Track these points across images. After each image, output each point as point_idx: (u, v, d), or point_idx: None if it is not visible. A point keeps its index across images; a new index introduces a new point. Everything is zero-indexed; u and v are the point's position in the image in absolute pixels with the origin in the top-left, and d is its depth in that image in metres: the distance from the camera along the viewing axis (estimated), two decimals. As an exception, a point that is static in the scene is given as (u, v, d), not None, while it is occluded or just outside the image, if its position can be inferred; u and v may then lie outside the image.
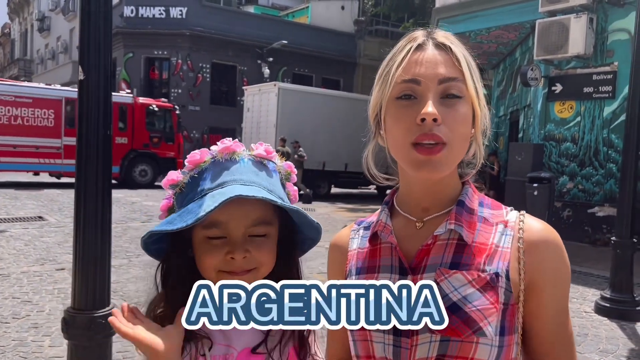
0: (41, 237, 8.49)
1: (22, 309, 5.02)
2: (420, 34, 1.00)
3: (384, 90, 0.97)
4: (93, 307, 2.57)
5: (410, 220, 1.02)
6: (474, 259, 0.94)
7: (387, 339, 0.94)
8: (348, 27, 27.44)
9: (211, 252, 0.87)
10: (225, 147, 0.90)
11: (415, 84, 0.93)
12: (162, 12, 23.54)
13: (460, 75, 0.94)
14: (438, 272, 0.93)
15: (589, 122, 10.29)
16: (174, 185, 0.92)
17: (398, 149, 0.95)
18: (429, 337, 0.91)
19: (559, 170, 10.69)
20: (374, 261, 1.01)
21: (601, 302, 5.71)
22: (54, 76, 33.91)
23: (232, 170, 0.88)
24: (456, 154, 0.95)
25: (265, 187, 0.88)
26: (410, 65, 0.94)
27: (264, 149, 0.94)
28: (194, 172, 0.90)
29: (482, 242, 0.97)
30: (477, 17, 12.16)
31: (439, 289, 0.87)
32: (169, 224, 0.84)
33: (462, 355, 0.90)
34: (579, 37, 9.58)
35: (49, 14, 36.48)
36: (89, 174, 2.51)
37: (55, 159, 16.01)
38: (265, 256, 0.89)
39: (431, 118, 0.89)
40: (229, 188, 0.84)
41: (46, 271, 6.44)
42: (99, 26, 2.52)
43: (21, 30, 45.20)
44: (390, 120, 0.96)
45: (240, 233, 0.86)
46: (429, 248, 0.96)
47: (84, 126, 2.52)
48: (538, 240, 0.97)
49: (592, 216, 10.22)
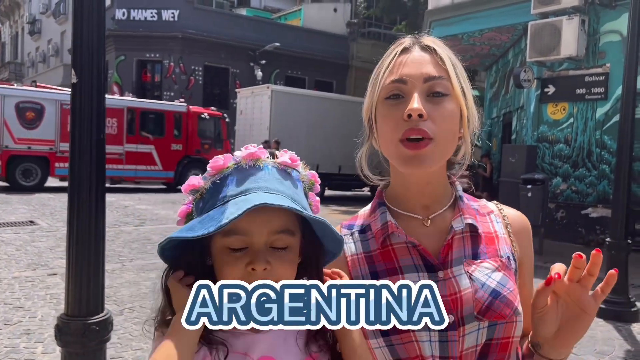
0: (33, 242, 8.40)
1: (13, 315, 4.95)
2: (408, 39, 1.05)
3: (374, 93, 1.02)
4: (87, 313, 2.52)
5: (416, 218, 1.05)
6: (488, 248, 1.03)
7: (432, 336, 0.95)
8: (340, 29, 27.46)
9: (232, 263, 0.83)
10: (249, 154, 0.88)
11: (402, 84, 0.98)
12: (154, 15, 23.46)
13: (445, 74, 0.99)
14: (466, 264, 0.99)
15: (581, 124, 10.33)
16: (194, 191, 0.89)
17: (387, 146, 1.00)
18: (477, 325, 0.95)
19: (553, 172, 10.72)
20: (391, 263, 1.01)
21: (596, 303, 5.72)
22: (45, 79, 33.71)
23: (256, 178, 0.85)
24: (442, 149, 0.98)
25: (290, 196, 0.85)
26: (397, 67, 1.00)
27: (288, 157, 0.91)
28: (216, 177, 0.87)
29: (487, 231, 1.06)
30: (470, 19, 12.20)
31: (475, 279, 0.97)
32: (190, 230, 0.80)
33: (506, 336, 0.97)
34: (571, 38, 9.63)
35: (40, 17, 36.28)
36: (82, 178, 2.47)
37: (118, 164, 16.88)
38: (286, 269, 0.85)
39: (416, 114, 0.93)
40: (253, 196, 0.81)
41: (38, 276, 6.37)
42: (92, 29, 2.48)
43: (12, 33, 44.91)
44: (380, 120, 1.01)
45: (262, 242, 0.83)
46: (450, 243, 1.01)
47: (77, 130, 2.47)
48: (520, 225, 1.10)
49: (585, 217, 10.25)
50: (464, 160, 1.07)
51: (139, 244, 8.66)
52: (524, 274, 1.07)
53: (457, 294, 0.97)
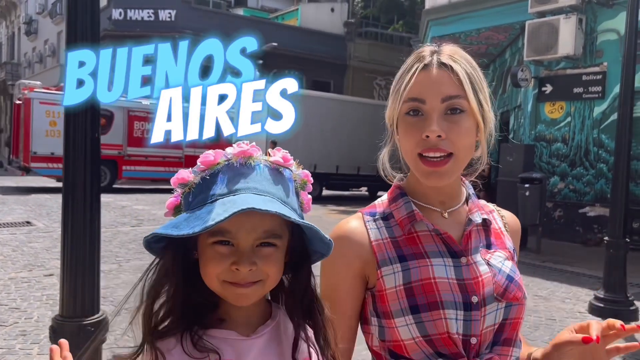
0: (29, 243, 8.37)
1: (9, 316, 4.92)
2: (428, 51, 1.10)
3: (395, 106, 1.11)
4: (82, 314, 2.50)
5: (435, 211, 1.15)
6: (497, 240, 1.16)
7: (459, 315, 1.04)
8: (338, 29, 27.44)
9: (216, 260, 0.81)
10: (241, 151, 0.86)
11: (421, 103, 1.06)
12: (150, 15, 23.40)
13: (462, 92, 1.06)
14: (483, 252, 1.11)
15: (579, 123, 10.34)
16: (183, 185, 0.87)
17: (408, 157, 1.11)
18: (496, 306, 1.06)
19: (550, 171, 10.73)
20: (417, 248, 1.10)
21: (595, 302, 5.71)
22: (42, 79, 33.61)
23: (246, 177, 0.83)
24: (461, 163, 1.09)
25: (280, 198, 0.83)
26: (416, 86, 1.07)
27: (281, 156, 0.89)
28: (205, 173, 0.85)
29: (494, 226, 1.19)
30: (467, 18, 12.20)
31: (493, 265, 1.09)
32: (175, 227, 0.79)
33: (517, 317, 1.09)
34: (568, 37, 9.64)
35: (36, 17, 36.17)
36: (76, 178, 2.44)
37: (178, 167, 17.47)
38: (272, 268, 0.84)
39: (435, 135, 1.03)
40: (242, 197, 0.79)
41: (34, 277, 6.34)
42: (86, 28, 2.46)
43: (8, 33, 44.78)
44: (402, 132, 1.10)
45: (248, 244, 0.81)
46: (469, 234, 1.12)
47: (72, 129, 2.45)
48: (514, 225, 1.25)
49: (583, 216, 10.26)
50: (481, 161, 1.19)
51: (136, 245, 8.62)
52: None
53: (479, 278, 1.07)
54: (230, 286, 0.81)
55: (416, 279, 1.06)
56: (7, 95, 33.41)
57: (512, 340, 1.09)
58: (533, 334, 4.95)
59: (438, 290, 1.04)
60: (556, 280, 7.37)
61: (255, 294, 0.83)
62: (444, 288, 1.05)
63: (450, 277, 1.06)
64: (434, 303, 1.04)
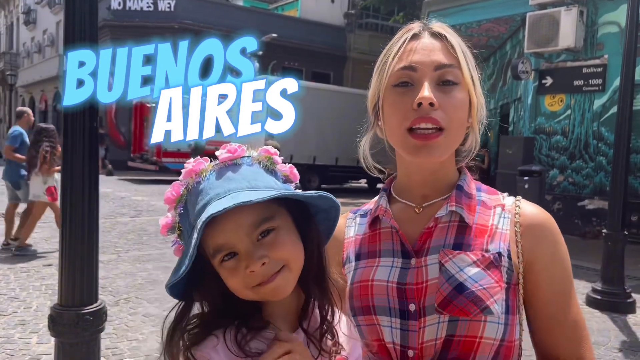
0: (28, 233, 8.37)
1: (8, 305, 4.94)
2: (417, 25, 1.03)
3: (382, 80, 0.99)
4: (80, 303, 2.50)
5: (410, 206, 1.04)
6: (476, 240, 0.97)
7: (394, 323, 0.94)
8: (338, 20, 27.33)
9: (232, 275, 0.80)
10: (187, 172, 0.84)
11: (411, 71, 0.95)
12: (150, 5, 23.27)
13: (455, 62, 0.97)
14: (442, 254, 0.95)
15: (579, 115, 10.32)
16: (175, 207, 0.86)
17: (395, 135, 0.98)
18: (437, 318, 0.92)
19: (550, 164, 10.72)
20: (374, 246, 1.02)
21: (592, 295, 5.74)
22: (41, 70, 33.50)
23: (204, 192, 0.81)
24: (453, 139, 0.97)
25: (244, 188, 0.80)
26: (406, 54, 0.97)
27: (226, 151, 0.86)
28: (179, 208, 0.84)
29: (482, 223, 1.00)
30: (468, 9, 12.14)
31: (444, 271, 0.93)
32: (176, 272, 0.79)
33: (471, 334, 0.91)
34: (569, 30, 9.59)
35: (35, 6, 35.96)
36: (75, 168, 2.44)
37: None
38: (284, 251, 0.81)
39: (427, 102, 0.91)
40: (207, 211, 0.77)
41: (34, 267, 6.36)
42: (84, 19, 2.44)
43: (7, 23, 44.55)
44: (388, 108, 0.98)
45: (245, 245, 0.79)
46: (431, 231, 0.99)
47: (70, 119, 2.44)
48: (534, 224, 1.00)
49: (582, 209, 10.27)
50: (472, 149, 1.05)
51: (135, 235, 8.63)
52: (537, 279, 0.97)
53: (424, 284, 0.95)
54: (260, 287, 0.80)
55: (357, 280, 1.00)
56: (5, 85, 33.24)
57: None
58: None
59: (372, 294, 0.97)
60: (554, 273, 7.39)
61: (285, 282, 0.81)
62: (380, 292, 0.96)
63: (391, 280, 0.97)
64: (366, 307, 0.97)
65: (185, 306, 0.85)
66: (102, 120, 24.51)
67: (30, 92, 38.21)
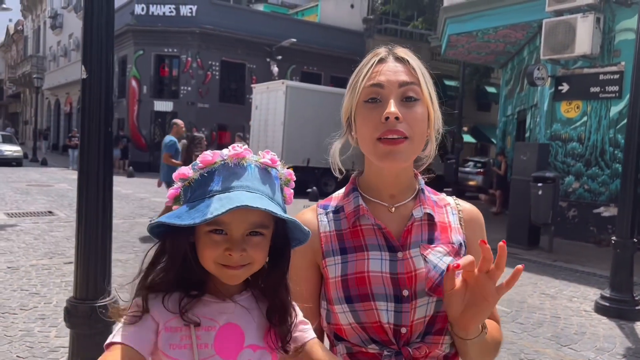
0: (50, 232, 8.65)
1: (30, 300, 5.15)
2: (383, 50, 1.19)
3: (354, 96, 1.16)
4: (94, 296, 2.67)
5: (382, 205, 1.20)
6: (442, 235, 1.18)
7: (390, 307, 1.11)
8: (357, 25, 27.44)
9: (212, 246, 0.95)
10: (235, 153, 0.98)
11: (379, 88, 1.12)
12: (172, 10, 23.68)
13: (416, 80, 1.13)
14: (422, 247, 1.15)
15: (595, 122, 10.28)
16: (183, 179, 1.00)
17: (366, 143, 1.14)
18: (427, 300, 1.11)
19: (565, 170, 10.68)
20: (358, 241, 1.16)
21: (601, 302, 5.75)
22: (66, 73, 34.27)
23: (239, 177, 0.95)
24: (415, 147, 1.13)
25: (268, 195, 0.96)
26: (374, 74, 1.14)
27: (269, 158, 1.02)
28: (204, 171, 0.98)
29: (442, 221, 1.21)
30: (485, 16, 12.17)
31: (429, 261, 1.13)
32: (178, 218, 0.91)
33: None
34: (585, 36, 9.58)
35: (61, 11, 36.82)
36: (90, 168, 2.61)
37: None
38: (259, 254, 0.97)
39: (393, 116, 1.08)
40: (236, 194, 0.92)
41: (54, 264, 6.58)
42: (101, 27, 2.61)
43: (34, 27, 45.64)
44: (360, 120, 1.15)
45: (239, 233, 0.95)
46: (410, 228, 1.16)
47: (87, 123, 2.62)
48: (471, 218, 1.26)
49: (597, 216, 10.21)
50: (430, 156, 1.22)
51: (153, 236, 8.83)
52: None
53: (413, 273, 1.12)
54: (224, 268, 0.95)
55: (352, 272, 1.13)
56: (32, 88, 34.08)
57: (443, 329, 1.14)
58: (536, 331, 5.02)
59: (370, 284, 1.12)
60: (565, 279, 7.39)
61: (244, 274, 0.97)
62: (376, 281, 1.12)
63: (384, 271, 1.12)
64: (365, 295, 1.11)
65: (161, 249, 1.00)
66: (124, 122, 25.03)
67: (55, 95, 39.09)
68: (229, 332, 0.98)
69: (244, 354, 0.97)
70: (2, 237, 8.04)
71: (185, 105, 23.66)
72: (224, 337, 0.97)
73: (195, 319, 0.95)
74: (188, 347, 0.94)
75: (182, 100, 23.82)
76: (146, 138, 24.01)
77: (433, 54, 24.96)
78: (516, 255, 8.90)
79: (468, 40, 13.61)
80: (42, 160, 25.69)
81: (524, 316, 5.52)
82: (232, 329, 0.98)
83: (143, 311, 0.94)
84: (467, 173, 19.41)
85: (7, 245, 7.53)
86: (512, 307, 5.81)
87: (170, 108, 23.91)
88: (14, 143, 24.25)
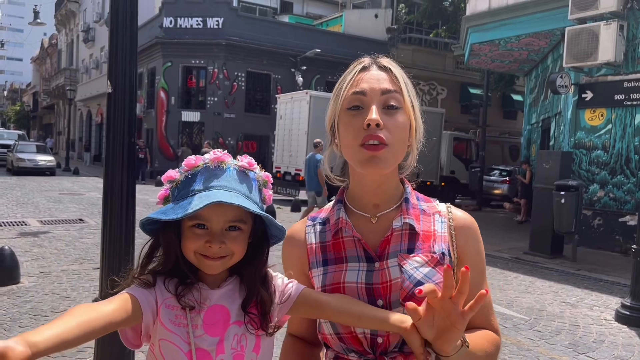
0: (81, 239, 8.97)
1: (60, 304, 5.38)
2: (367, 59, 1.21)
3: (337, 104, 1.17)
4: (117, 297, 2.83)
5: (365, 216, 1.21)
6: (423, 244, 1.17)
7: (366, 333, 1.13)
8: (381, 35, 27.54)
9: (194, 239, 1.08)
10: (216, 157, 1.11)
11: (362, 95, 1.13)
12: (199, 23, 24.20)
13: (398, 89, 1.14)
14: (400, 257, 1.14)
15: (620, 130, 10.16)
16: (171, 181, 1.14)
17: (348, 150, 1.14)
18: (402, 310, 1.10)
19: (590, 179, 10.57)
20: (339, 253, 1.19)
21: (621, 310, 5.71)
22: (98, 85, 35.19)
23: (219, 177, 1.09)
24: (396, 153, 1.13)
25: (244, 194, 1.09)
26: (357, 82, 1.15)
27: (247, 161, 1.15)
28: (188, 173, 1.12)
29: (426, 229, 1.19)
30: (507, 24, 12.15)
31: (404, 271, 1.12)
32: (163, 214, 1.06)
33: None
34: (609, 44, 9.50)
35: (94, 25, 37.87)
36: (115, 177, 2.79)
37: None
38: (237, 247, 1.09)
39: (375, 123, 1.08)
40: (214, 192, 1.05)
41: (84, 270, 6.84)
42: (126, 44, 2.80)
43: (67, 41, 47.03)
44: (343, 127, 1.15)
45: (219, 227, 1.07)
46: (389, 239, 1.17)
47: (112, 135, 2.80)
48: (464, 226, 1.22)
49: (623, 225, 10.06)
50: (411, 164, 1.22)
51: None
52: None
53: (388, 283, 1.13)
54: (203, 259, 1.08)
55: (329, 283, 1.16)
56: (65, 99, 35.10)
57: None
58: (554, 339, 5.02)
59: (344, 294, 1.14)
60: (587, 288, 7.32)
61: (222, 265, 1.10)
62: (351, 292, 1.13)
63: (360, 281, 1.14)
64: None
65: (155, 243, 1.13)
66: (152, 132, 25.57)
67: (87, 106, 40.15)
68: (216, 312, 1.11)
69: (230, 330, 1.10)
70: (36, 243, 8.38)
71: (212, 116, 24.07)
72: (212, 318, 1.10)
73: (190, 303, 1.09)
74: (182, 326, 1.08)
75: (208, 111, 24.24)
76: (174, 148, 24.49)
77: (457, 62, 24.92)
78: (538, 264, 8.85)
79: (491, 48, 13.59)
80: (74, 169, 26.42)
81: (542, 324, 5.52)
82: (219, 309, 1.11)
83: (152, 283, 1.09)
84: (492, 182, 19.26)
85: (40, 251, 7.84)
86: (531, 315, 5.81)
87: (198, 118, 24.37)
88: (47, 153, 24.99)
